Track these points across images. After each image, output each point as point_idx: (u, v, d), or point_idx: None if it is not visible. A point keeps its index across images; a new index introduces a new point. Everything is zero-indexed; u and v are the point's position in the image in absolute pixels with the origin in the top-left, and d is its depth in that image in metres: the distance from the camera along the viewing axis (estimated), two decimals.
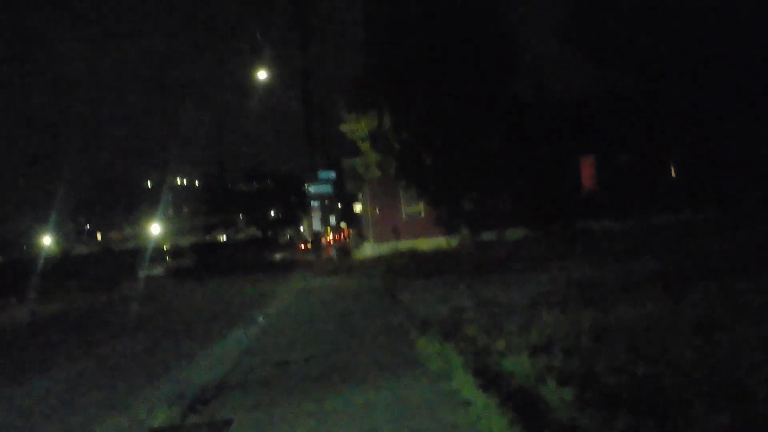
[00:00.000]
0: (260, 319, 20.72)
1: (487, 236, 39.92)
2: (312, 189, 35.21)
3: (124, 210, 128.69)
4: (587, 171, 44.35)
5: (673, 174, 44.06)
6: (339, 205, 77.89)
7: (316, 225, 36.93)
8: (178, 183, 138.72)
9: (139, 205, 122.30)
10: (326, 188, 35.52)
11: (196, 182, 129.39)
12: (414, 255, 37.02)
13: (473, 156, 37.25)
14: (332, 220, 60.57)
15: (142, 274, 52.51)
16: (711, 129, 39.17)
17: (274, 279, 37.63)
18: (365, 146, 38.25)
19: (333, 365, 12.33)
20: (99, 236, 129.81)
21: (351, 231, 69.20)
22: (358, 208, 61.34)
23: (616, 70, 41.36)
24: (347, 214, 74.15)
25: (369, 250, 44.07)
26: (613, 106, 40.95)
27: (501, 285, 20.79)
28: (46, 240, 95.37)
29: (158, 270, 53.86)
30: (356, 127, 37.71)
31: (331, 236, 56.81)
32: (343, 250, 50.59)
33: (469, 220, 39.48)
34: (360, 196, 52.78)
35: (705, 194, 39.32)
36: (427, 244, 41.39)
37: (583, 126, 41.02)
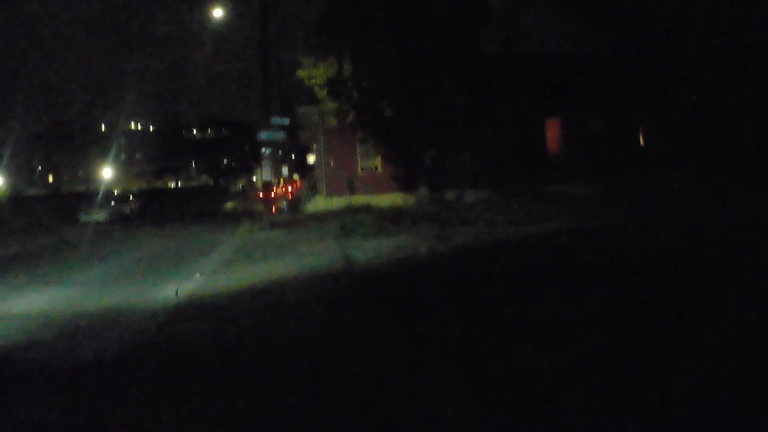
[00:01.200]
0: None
1: (446, 196, 37.63)
2: (263, 135, 32.16)
3: (77, 152, 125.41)
4: (553, 134, 42.30)
5: (642, 142, 42.39)
6: (292, 156, 75.39)
7: (267, 174, 33.82)
8: (132, 127, 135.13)
9: (93, 148, 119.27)
10: (279, 135, 32.66)
11: (151, 128, 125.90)
12: (368, 210, 34.51)
13: (436, 110, 34.87)
14: (285, 170, 57.82)
15: (84, 218, 49.45)
16: (682, 97, 37.85)
17: (219, 229, 34.58)
18: (323, 93, 35.44)
19: None
20: (51, 178, 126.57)
21: (304, 183, 66.50)
22: (311, 159, 58.64)
23: (590, 29, 39.53)
24: (300, 166, 71.40)
25: (321, 203, 41.24)
26: (583, 68, 39.01)
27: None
28: None
29: (102, 215, 50.61)
30: (314, 73, 34.93)
31: (282, 187, 54.01)
32: (294, 202, 48.06)
33: (428, 177, 37.18)
34: (314, 147, 49.87)
35: (674, 164, 37.11)
36: (383, 200, 38.90)
37: (552, 87, 38.94)
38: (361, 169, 41.73)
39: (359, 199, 39.35)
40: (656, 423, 6.35)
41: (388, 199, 38.79)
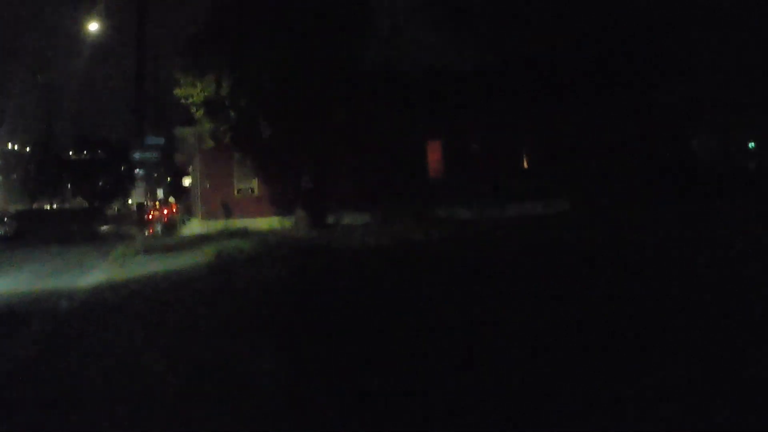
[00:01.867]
0: None
1: (324, 219, 36.85)
2: (137, 155, 30.47)
3: None
4: (435, 155, 41.37)
5: (525, 165, 41.86)
6: (168, 179, 73.47)
7: (140, 197, 32.23)
8: (9, 148, 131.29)
9: None
10: (153, 155, 30.98)
11: (27, 148, 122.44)
12: (245, 235, 33.27)
13: (314, 130, 33.91)
14: (160, 193, 56.03)
15: None
16: (566, 119, 37.79)
17: (92, 253, 32.76)
18: (200, 113, 33.87)
19: None
20: None
21: (179, 206, 64.77)
22: (188, 182, 56.90)
23: (473, 48, 38.53)
24: (176, 188, 69.44)
25: (197, 226, 39.69)
26: (466, 89, 38.44)
27: None
28: None
29: None
30: (192, 92, 33.25)
31: (157, 210, 52.31)
32: (170, 226, 46.45)
33: (306, 200, 35.97)
34: (191, 169, 48.25)
35: (557, 186, 37.61)
36: (260, 223, 37.70)
37: (434, 107, 38.58)
38: (238, 191, 40.05)
39: (236, 223, 37.97)
40: None
41: (266, 223, 37.68)
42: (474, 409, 7.15)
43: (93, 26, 32.59)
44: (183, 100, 34.01)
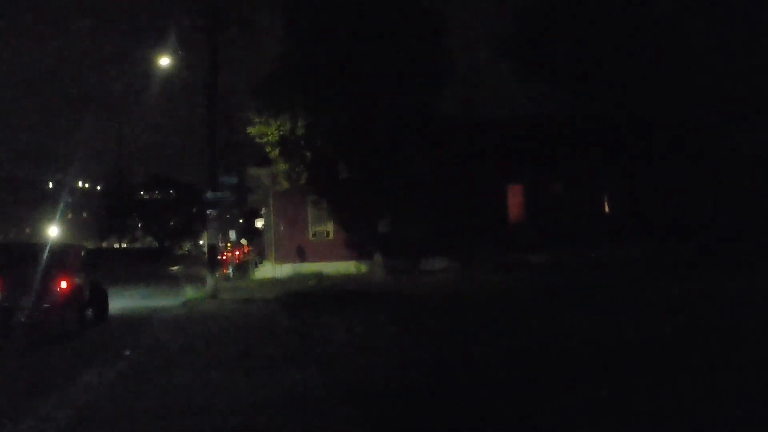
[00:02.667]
0: None
1: (400, 264, 34.95)
2: (210, 195, 29.15)
3: (24, 209, 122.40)
4: (515, 200, 39.87)
5: (607, 209, 40.36)
6: (240, 220, 72.48)
7: (212, 237, 30.76)
8: (80, 186, 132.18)
9: (40, 205, 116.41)
10: (226, 195, 29.94)
11: (98, 187, 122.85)
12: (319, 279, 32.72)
13: (393, 173, 32.27)
14: (232, 234, 54.88)
15: None
16: (650, 163, 35.65)
17: (160, 295, 31.49)
18: (274, 153, 32.57)
19: None
20: None
21: (251, 248, 63.70)
22: (260, 223, 55.69)
23: (557, 93, 37.63)
24: (248, 230, 68.32)
25: (269, 270, 38.42)
26: (547, 132, 37.05)
27: None
28: None
29: None
30: (266, 131, 32.00)
31: (229, 252, 51.24)
32: (242, 269, 45.21)
33: (382, 244, 34.40)
34: (263, 210, 47.01)
35: (640, 231, 35.73)
36: (335, 268, 36.56)
37: (514, 151, 37.30)
38: (313, 234, 38.88)
39: (310, 267, 36.93)
40: None
41: (340, 268, 36.56)
42: None
43: (164, 61, 31.11)
44: (257, 140, 32.76)
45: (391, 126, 31.54)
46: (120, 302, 26.92)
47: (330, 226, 38.51)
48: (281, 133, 31.94)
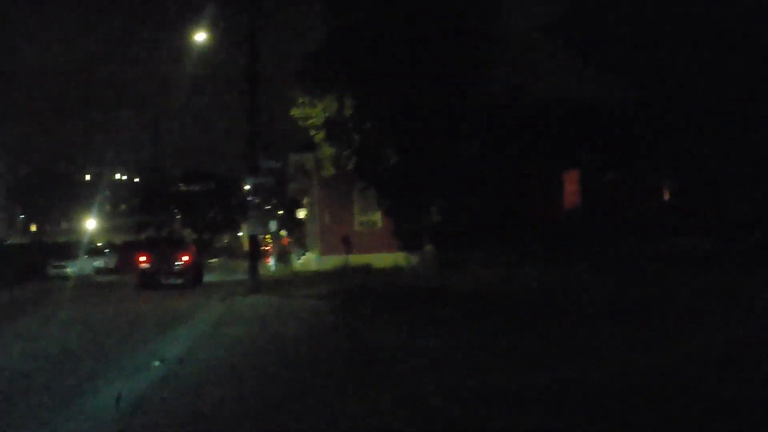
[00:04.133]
0: None
1: (452, 256, 32.11)
2: (251, 181, 26.84)
3: (60, 202, 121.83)
4: (571, 188, 37.54)
5: (666, 197, 37.96)
6: (280, 212, 70.51)
7: (253, 228, 28.47)
8: (117, 178, 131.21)
9: (77, 198, 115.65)
10: (267, 180, 27.74)
11: (136, 180, 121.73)
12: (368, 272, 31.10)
13: (447, 158, 29.91)
14: (272, 226, 52.97)
15: (53, 272, 44.54)
16: (711, 151, 33.51)
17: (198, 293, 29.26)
18: (319, 136, 30.42)
19: None
20: (34, 227, 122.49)
21: (291, 239, 61.83)
22: (301, 214, 53.74)
23: (613, 75, 35.30)
24: (289, 221, 66.28)
25: (313, 262, 36.44)
26: (603, 115, 34.76)
27: None
28: None
29: (72, 269, 45.40)
30: (311, 112, 29.89)
31: (270, 244, 49.50)
32: (283, 261, 43.18)
33: (434, 235, 32.07)
34: (305, 201, 44.96)
35: (704, 223, 32.49)
36: (382, 260, 34.50)
37: (569, 136, 34.37)
38: (359, 224, 37.03)
39: (356, 259, 34.89)
40: None
41: (388, 259, 34.40)
42: None
43: (200, 37, 29.09)
44: (301, 122, 30.70)
45: (444, 108, 29.36)
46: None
47: (378, 216, 36.68)
48: (327, 114, 29.76)
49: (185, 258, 35.86)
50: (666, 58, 32.89)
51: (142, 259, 35.49)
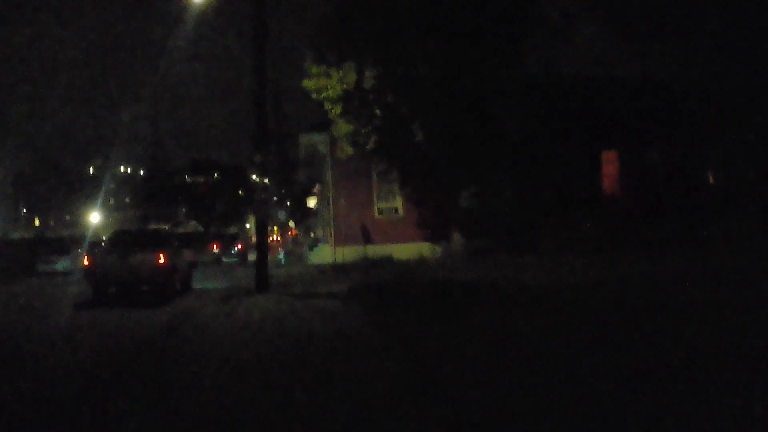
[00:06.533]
0: None
1: (481, 245, 29.08)
2: (258, 158, 22.29)
3: (64, 195, 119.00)
4: (609, 168, 34.07)
5: (711, 180, 34.60)
6: (288, 203, 66.92)
7: (261, 211, 23.86)
8: (122, 171, 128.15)
9: (81, 191, 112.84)
10: (275, 161, 23.95)
11: (141, 172, 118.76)
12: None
13: (479, 136, 26.46)
14: (281, 215, 49.62)
15: (44, 268, 40.41)
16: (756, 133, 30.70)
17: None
18: (335, 111, 26.88)
19: None
20: (37, 221, 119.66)
21: (300, 230, 58.68)
22: (312, 203, 50.23)
23: (652, 52, 31.75)
24: (298, 210, 62.53)
25: (328, 254, 32.79)
26: (644, 94, 32.12)
27: None
28: None
29: (66, 264, 41.55)
30: (326, 84, 26.36)
31: (279, 235, 46.55)
32: (293, 253, 39.58)
33: (464, 222, 29.06)
34: (317, 188, 41.15)
35: (747, 206, 30.06)
36: (405, 251, 30.61)
37: (608, 114, 31.97)
38: (379, 212, 33.11)
39: (375, 250, 31.08)
40: None
41: (412, 250, 30.48)
42: None
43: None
44: (314, 95, 27.14)
45: (477, 80, 25.87)
46: None
47: (399, 202, 32.88)
48: (344, 86, 26.34)
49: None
50: (712, 30, 29.80)
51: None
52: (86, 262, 22.49)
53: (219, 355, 11.49)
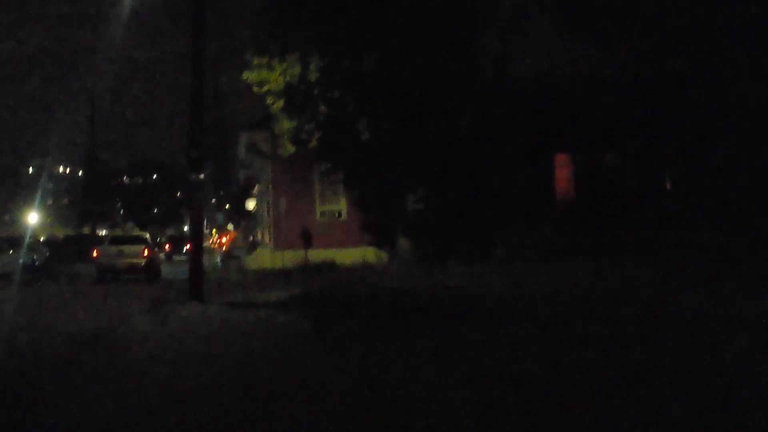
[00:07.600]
0: None
1: (429, 251, 27.62)
2: (193, 152, 20.35)
3: (6, 196, 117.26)
4: (563, 172, 32.46)
5: (668, 186, 33.10)
6: (227, 206, 65.56)
7: (197, 216, 21.99)
8: (61, 171, 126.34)
9: (20, 191, 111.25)
10: (212, 153, 22.48)
11: (80, 172, 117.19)
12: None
13: (429, 137, 25.33)
14: (219, 218, 48.27)
15: None
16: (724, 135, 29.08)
17: (125, 297, 22.29)
18: (278, 106, 25.38)
19: None
20: None
21: (239, 233, 57.62)
22: (251, 204, 48.88)
23: (603, 50, 30.39)
24: (237, 213, 61.17)
25: (267, 259, 31.49)
26: (596, 95, 30.10)
27: None
28: None
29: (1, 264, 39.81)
30: (268, 76, 24.81)
31: (218, 238, 45.39)
32: (232, 257, 38.27)
33: (412, 226, 27.59)
34: (256, 189, 39.83)
35: (707, 212, 28.33)
36: (348, 256, 30.03)
37: (562, 115, 29.67)
38: (321, 215, 32.55)
39: (317, 255, 30.22)
40: None
41: (356, 255, 29.85)
42: None
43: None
44: (255, 88, 25.62)
45: (425, 75, 24.60)
46: None
47: (343, 204, 32.45)
48: (288, 79, 24.82)
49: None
50: (670, 26, 28.87)
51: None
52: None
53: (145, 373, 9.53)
